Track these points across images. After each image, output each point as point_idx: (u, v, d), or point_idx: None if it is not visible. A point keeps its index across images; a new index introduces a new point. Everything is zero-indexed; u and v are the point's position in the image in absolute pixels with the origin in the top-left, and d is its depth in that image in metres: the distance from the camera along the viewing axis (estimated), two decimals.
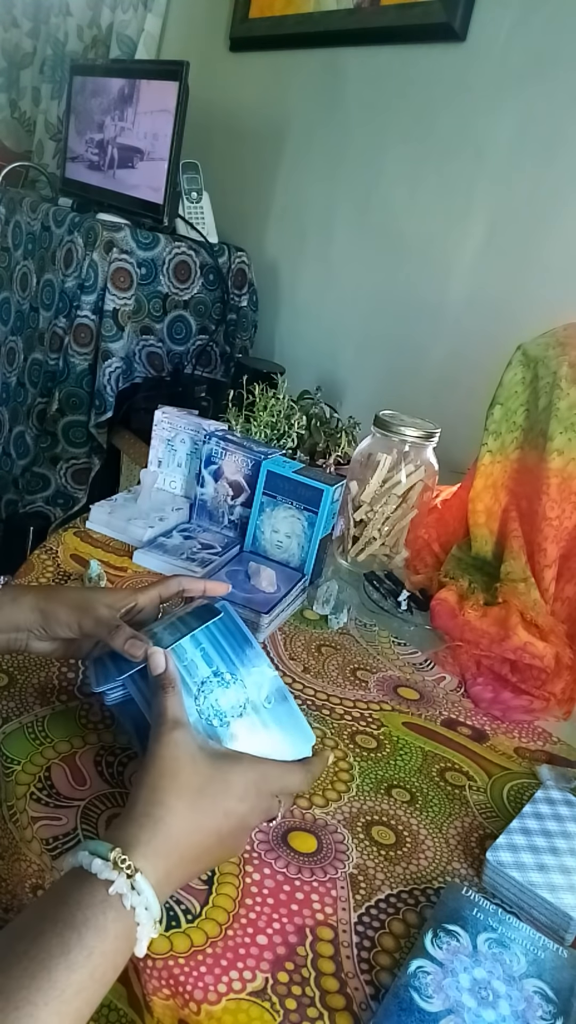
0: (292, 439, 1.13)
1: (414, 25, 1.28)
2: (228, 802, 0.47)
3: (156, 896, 0.41)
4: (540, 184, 1.14)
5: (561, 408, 0.76)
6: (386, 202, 1.40)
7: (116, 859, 0.41)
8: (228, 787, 0.47)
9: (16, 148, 2.37)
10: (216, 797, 0.46)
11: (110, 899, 0.40)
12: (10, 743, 0.59)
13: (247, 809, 0.48)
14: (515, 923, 0.50)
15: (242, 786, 0.48)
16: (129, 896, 0.40)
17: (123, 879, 0.40)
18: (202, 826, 0.45)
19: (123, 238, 1.42)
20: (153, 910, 0.41)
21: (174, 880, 0.45)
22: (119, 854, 0.41)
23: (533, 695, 0.75)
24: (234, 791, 0.47)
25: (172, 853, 0.43)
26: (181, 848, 0.44)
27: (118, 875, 0.40)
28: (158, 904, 0.41)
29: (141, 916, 0.40)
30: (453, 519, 0.88)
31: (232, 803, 0.47)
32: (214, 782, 0.47)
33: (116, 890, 0.40)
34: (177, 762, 0.46)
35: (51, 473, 1.57)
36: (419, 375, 1.34)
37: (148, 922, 0.41)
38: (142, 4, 1.92)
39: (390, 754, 0.67)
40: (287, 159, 1.61)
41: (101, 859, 0.41)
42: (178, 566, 0.87)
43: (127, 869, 0.40)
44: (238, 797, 0.47)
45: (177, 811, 0.44)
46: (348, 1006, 0.45)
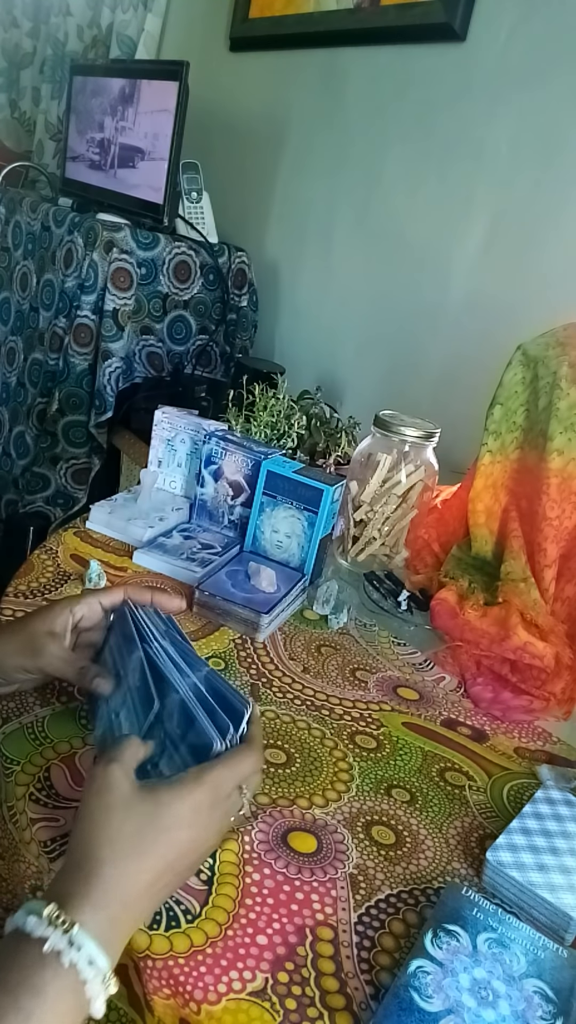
0: (292, 439, 1.13)
1: (414, 25, 1.28)
2: (172, 834, 0.44)
3: (103, 948, 0.39)
4: (540, 184, 1.14)
5: (561, 408, 0.76)
6: (386, 202, 1.40)
7: (51, 915, 0.38)
8: (168, 822, 0.45)
9: (16, 148, 2.37)
10: (157, 835, 0.44)
11: (46, 958, 0.37)
12: (10, 743, 0.59)
13: (200, 830, 0.46)
14: (515, 923, 0.50)
15: (187, 812, 0.45)
16: (68, 952, 0.37)
17: (58, 935, 0.38)
18: (143, 867, 0.43)
19: (123, 238, 1.42)
20: (99, 964, 0.38)
21: (124, 926, 0.42)
22: (53, 909, 0.39)
23: (533, 695, 0.75)
24: (178, 822, 0.45)
25: (112, 902, 0.41)
26: (123, 894, 0.42)
27: (53, 931, 0.38)
28: (105, 957, 0.39)
29: (86, 972, 0.38)
30: (453, 519, 0.88)
31: (176, 834, 0.45)
32: (151, 822, 0.44)
33: (52, 947, 0.37)
34: (107, 811, 0.44)
35: (51, 473, 1.57)
36: (419, 375, 1.34)
37: (96, 978, 0.38)
38: (142, 4, 1.92)
39: (390, 754, 0.67)
40: (287, 159, 1.61)
41: (36, 916, 0.39)
42: (178, 566, 0.87)
43: (62, 925, 0.38)
44: (186, 825, 0.45)
45: (110, 862, 0.42)
46: (348, 1006, 0.45)
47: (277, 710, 0.69)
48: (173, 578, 0.88)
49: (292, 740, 0.66)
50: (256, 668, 0.75)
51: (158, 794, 0.45)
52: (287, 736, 0.66)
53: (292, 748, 0.65)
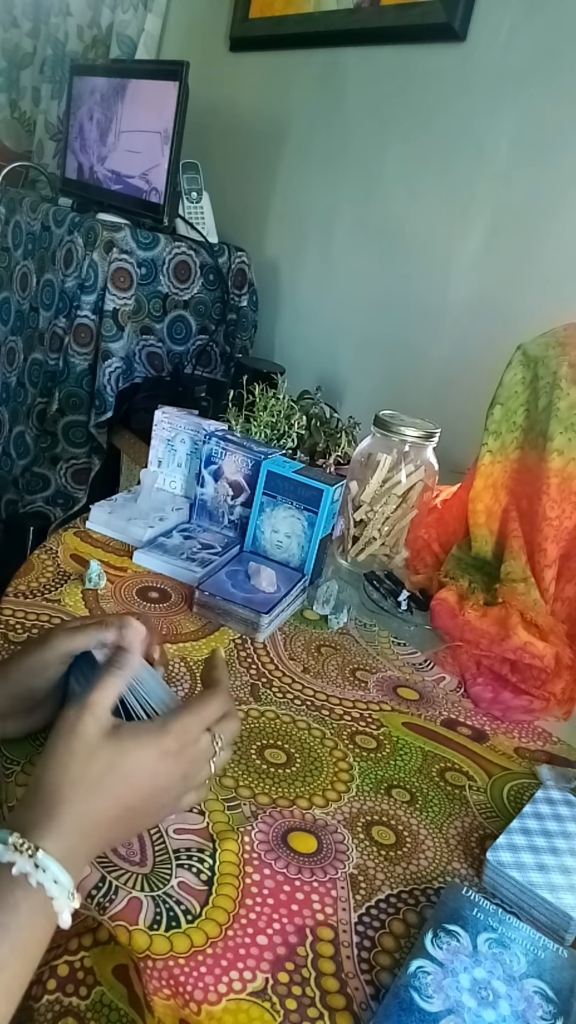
0: (292, 439, 1.13)
1: (414, 25, 1.28)
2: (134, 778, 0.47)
3: (65, 869, 0.42)
4: (540, 184, 1.14)
5: (561, 408, 0.76)
6: (386, 202, 1.40)
7: (15, 843, 0.42)
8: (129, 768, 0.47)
9: (16, 148, 2.37)
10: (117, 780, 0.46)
11: (16, 879, 0.41)
12: (10, 743, 0.59)
13: (163, 776, 0.48)
14: (515, 923, 0.50)
15: (150, 759, 0.48)
16: (34, 874, 0.41)
17: (24, 859, 0.41)
18: (102, 807, 0.46)
19: (123, 238, 1.42)
20: (64, 882, 0.42)
21: (84, 851, 0.45)
22: (17, 838, 0.42)
23: (533, 695, 0.75)
24: (139, 767, 0.47)
25: (71, 833, 0.44)
26: (82, 828, 0.45)
27: (19, 856, 0.42)
28: (68, 876, 0.42)
29: (52, 890, 0.42)
30: (453, 519, 0.88)
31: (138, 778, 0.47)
32: (112, 769, 0.46)
33: (19, 870, 0.41)
34: (72, 755, 0.46)
35: (51, 473, 1.57)
36: (419, 375, 1.34)
37: (62, 895, 0.42)
38: (142, 4, 1.92)
39: (390, 754, 0.67)
40: (287, 159, 1.61)
41: (2, 844, 0.42)
42: (178, 566, 0.87)
43: (27, 851, 0.42)
44: (148, 770, 0.48)
45: (70, 800, 0.45)
46: (348, 1006, 0.45)
47: (277, 710, 0.69)
48: (173, 578, 0.88)
49: (292, 740, 0.66)
50: (256, 668, 0.75)
51: (122, 741, 0.48)
52: (287, 736, 0.66)
53: (292, 748, 0.65)
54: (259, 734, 0.66)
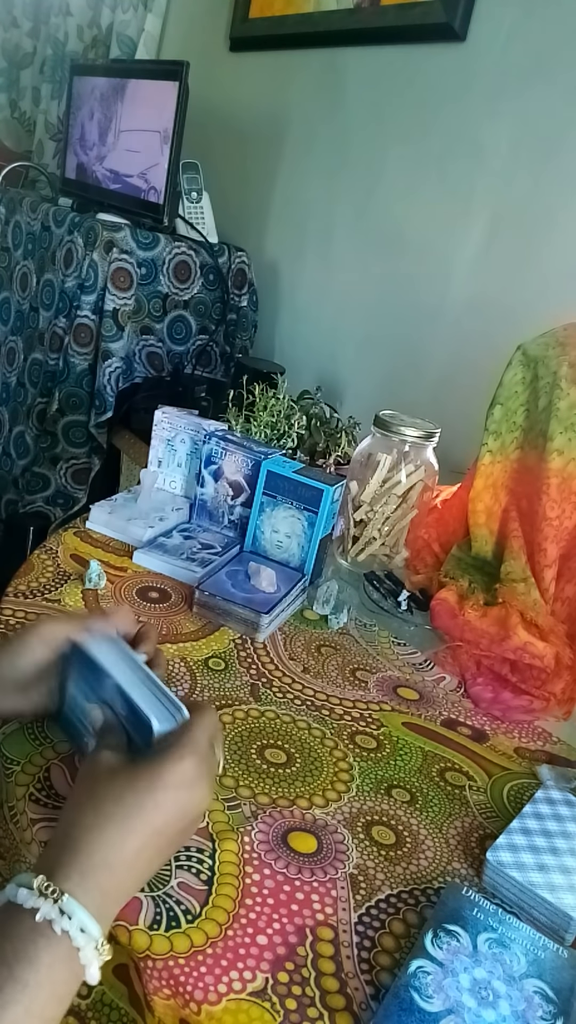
0: (292, 439, 1.13)
1: (414, 25, 1.28)
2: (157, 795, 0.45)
3: (93, 916, 0.40)
4: (540, 184, 1.14)
5: (561, 408, 0.76)
6: (386, 202, 1.40)
7: (40, 886, 0.39)
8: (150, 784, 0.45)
9: (16, 148, 2.37)
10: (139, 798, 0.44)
11: (39, 927, 0.38)
12: (10, 743, 0.59)
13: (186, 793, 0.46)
14: (515, 923, 0.50)
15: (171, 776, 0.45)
16: (59, 921, 0.38)
17: (49, 904, 0.39)
18: (127, 831, 0.43)
19: (123, 238, 1.42)
20: (91, 931, 0.39)
21: (115, 892, 0.43)
22: (43, 880, 0.40)
23: (533, 695, 0.75)
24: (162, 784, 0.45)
25: (99, 868, 0.42)
26: (110, 859, 0.42)
27: (43, 901, 0.39)
28: (96, 924, 0.40)
29: (79, 939, 0.39)
30: (453, 519, 0.88)
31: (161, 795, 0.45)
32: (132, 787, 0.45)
33: (43, 916, 0.38)
34: (94, 781, 0.45)
35: (51, 473, 1.57)
36: (419, 375, 1.34)
37: (88, 944, 0.39)
38: (142, 4, 1.92)
39: (390, 754, 0.67)
40: (287, 159, 1.61)
41: (26, 888, 0.39)
42: (178, 566, 0.87)
43: (52, 894, 0.39)
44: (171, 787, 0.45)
45: (93, 827, 0.43)
46: (348, 1006, 0.45)
47: (277, 710, 0.69)
48: (173, 578, 0.88)
49: (292, 740, 0.66)
50: (256, 668, 0.75)
51: (138, 764, 0.46)
52: (287, 736, 0.66)
53: (292, 748, 0.65)
54: (259, 734, 0.66)
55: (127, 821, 0.44)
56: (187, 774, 0.46)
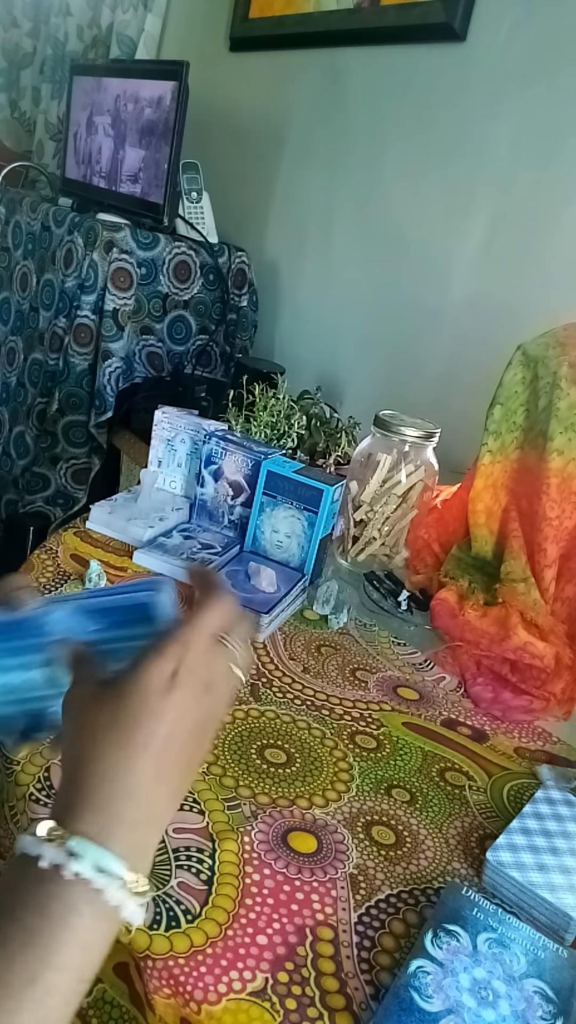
0: (292, 439, 1.13)
1: (414, 25, 1.28)
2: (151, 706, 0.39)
3: (116, 852, 0.36)
4: (540, 184, 1.14)
5: (561, 408, 0.76)
6: (386, 202, 1.40)
7: (48, 831, 0.36)
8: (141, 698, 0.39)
9: (16, 148, 2.37)
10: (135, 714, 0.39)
11: (45, 874, 0.35)
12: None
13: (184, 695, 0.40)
14: (515, 923, 0.50)
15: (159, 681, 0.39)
16: (68, 864, 0.34)
17: (53, 848, 0.35)
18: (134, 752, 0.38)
19: (123, 238, 1.42)
20: (112, 868, 0.35)
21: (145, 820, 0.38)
22: (50, 825, 0.36)
23: (533, 695, 0.75)
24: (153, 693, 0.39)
25: (112, 799, 0.37)
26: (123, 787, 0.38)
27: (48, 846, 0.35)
28: (118, 861, 0.35)
29: (98, 880, 0.35)
30: (453, 519, 0.88)
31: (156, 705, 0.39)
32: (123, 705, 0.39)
33: (49, 862, 0.35)
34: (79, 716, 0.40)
35: (51, 473, 1.57)
36: (419, 375, 1.34)
37: (112, 883, 0.35)
38: (142, 4, 1.92)
39: (390, 754, 0.67)
40: (287, 159, 1.61)
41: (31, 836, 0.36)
42: (178, 566, 0.87)
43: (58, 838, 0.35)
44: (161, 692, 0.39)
45: (94, 758, 0.38)
46: (348, 1006, 0.45)
47: (277, 710, 0.69)
48: (173, 578, 0.87)
49: (292, 740, 0.66)
50: (256, 668, 0.75)
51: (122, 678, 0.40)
52: (287, 736, 0.66)
53: (292, 748, 0.65)
54: (259, 734, 0.66)
55: (130, 743, 0.38)
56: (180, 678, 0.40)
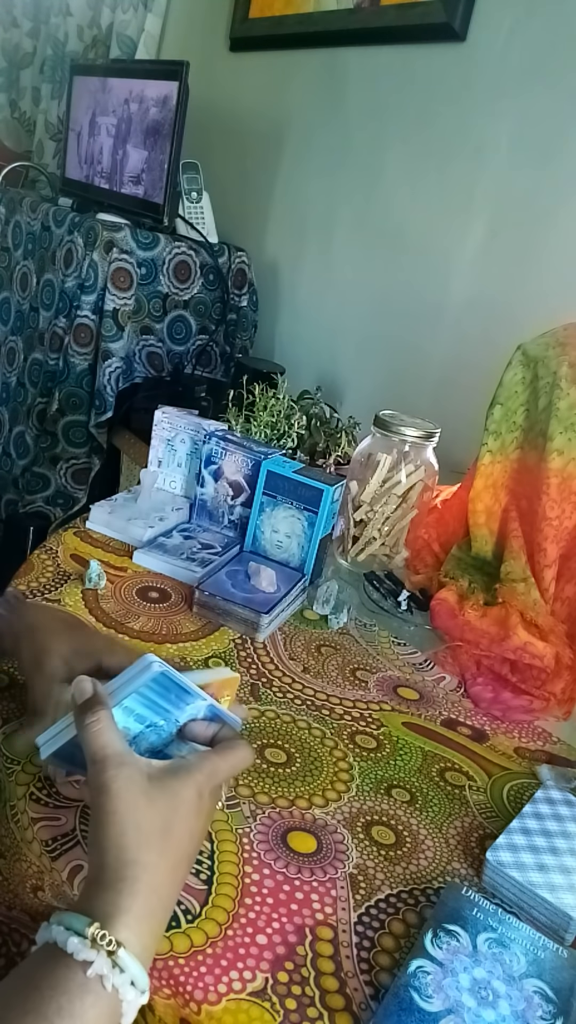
0: (292, 439, 1.13)
1: (414, 25, 1.28)
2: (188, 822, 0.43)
3: (143, 966, 0.37)
4: (540, 184, 1.14)
5: (561, 408, 0.76)
6: (386, 202, 1.40)
7: (95, 935, 0.36)
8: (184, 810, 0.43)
9: (16, 148, 2.37)
10: (177, 824, 0.42)
11: (88, 983, 0.35)
12: (10, 743, 0.59)
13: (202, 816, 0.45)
14: (515, 923, 0.50)
15: (194, 798, 0.44)
16: (111, 976, 0.36)
17: (103, 958, 0.36)
18: (169, 861, 0.41)
19: (123, 238, 1.42)
20: (140, 984, 0.37)
21: (159, 930, 0.41)
22: (97, 929, 0.36)
23: (533, 695, 0.75)
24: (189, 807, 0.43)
25: (156, 911, 0.40)
26: (164, 899, 0.41)
27: (97, 954, 0.36)
28: (145, 976, 0.38)
29: (127, 993, 0.36)
30: (453, 519, 0.88)
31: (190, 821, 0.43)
32: (173, 813, 0.42)
33: (96, 971, 0.35)
34: (136, 810, 0.41)
35: (51, 473, 1.57)
36: (419, 375, 1.34)
37: (135, 997, 0.37)
38: (142, 4, 1.92)
39: (390, 754, 0.67)
40: (287, 159, 1.61)
41: (77, 936, 0.36)
42: (178, 566, 0.87)
43: (108, 946, 0.36)
44: (194, 811, 0.44)
45: (152, 865, 0.40)
46: (348, 1006, 0.45)
47: (277, 710, 0.69)
48: (173, 578, 0.88)
49: (292, 740, 0.66)
50: (256, 668, 0.75)
51: (170, 783, 0.43)
52: (287, 736, 0.66)
53: (292, 748, 0.65)
54: (259, 734, 0.66)
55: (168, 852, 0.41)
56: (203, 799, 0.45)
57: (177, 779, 0.44)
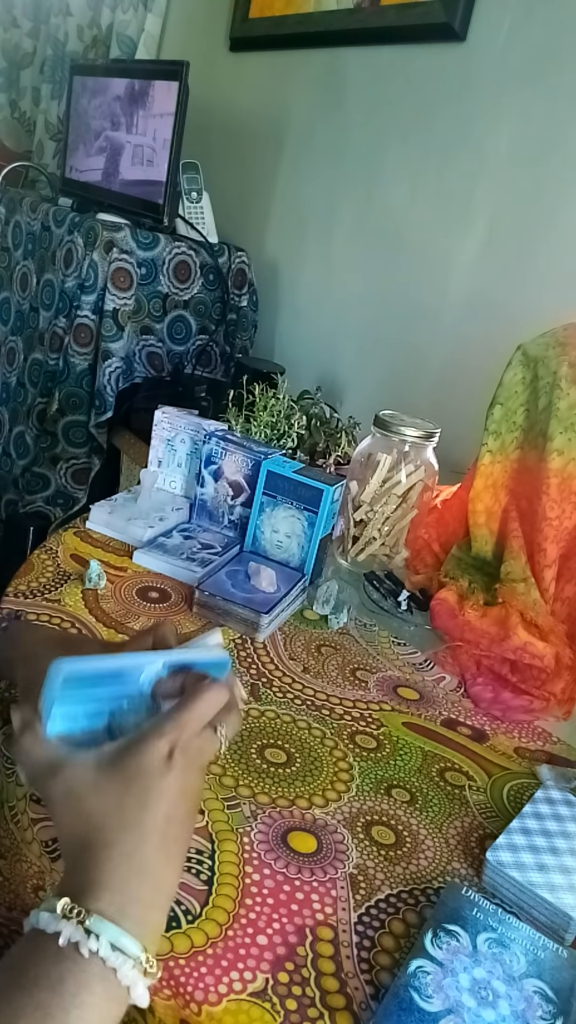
0: (292, 439, 1.13)
1: (414, 25, 1.28)
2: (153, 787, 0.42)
3: (131, 932, 0.37)
4: (540, 184, 1.14)
5: (561, 408, 0.76)
6: (386, 202, 1.40)
7: (64, 908, 0.37)
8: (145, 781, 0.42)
9: (16, 148, 2.37)
10: (141, 797, 0.42)
11: (63, 951, 0.35)
12: (10, 743, 0.59)
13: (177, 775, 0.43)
14: (515, 923, 0.50)
15: (157, 763, 0.43)
16: (85, 942, 0.36)
17: (72, 925, 0.36)
18: (144, 833, 0.41)
19: (123, 238, 1.42)
20: (128, 948, 0.36)
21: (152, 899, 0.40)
22: (67, 903, 0.37)
23: (533, 695, 0.75)
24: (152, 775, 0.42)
25: (129, 879, 0.39)
26: (137, 867, 0.40)
27: (66, 923, 0.36)
28: (134, 941, 0.37)
29: (113, 959, 0.36)
30: (453, 519, 0.88)
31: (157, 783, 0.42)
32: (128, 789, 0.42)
33: (67, 939, 0.36)
34: (82, 805, 0.41)
35: (51, 473, 1.57)
36: (419, 375, 1.34)
37: (126, 963, 0.36)
38: (142, 4, 1.92)
39: (390, 754, 0.67)
40: (287, 159, 1.61)
41: (49, 912, 0.37)
42: (178, 566, 0.87)
43: (76, 916, 0.36)
44: (158, 775, 0.42)
45: (109, 843, 0.40)
46: (348, 1006, 0.45)
47: (277, 710, 0.69)
48: (173, 578, 0.88)
49: (292, 740, 0.66)
50: (256, 668, 0.75)
51: (120, 760, 0.43)
52: (287, 736, 0.66)
53: (292, 748, 0.65)
54: (259, 733, 0.66)
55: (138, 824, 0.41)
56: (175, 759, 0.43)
57: (129, 752, 0.43)
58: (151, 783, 0.42)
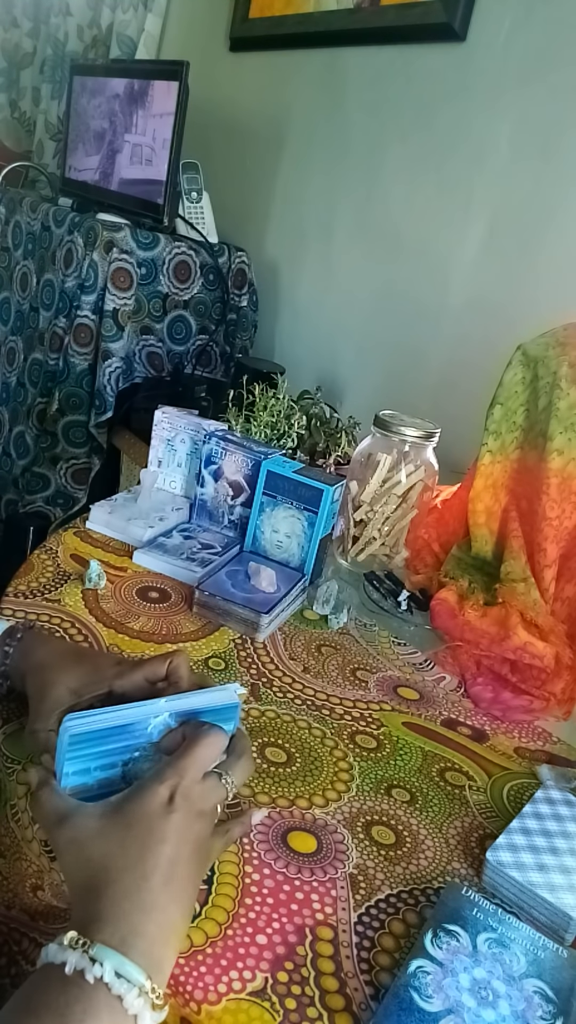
0: (292, 439, 1.13)
1: (414, 25, 1.28)
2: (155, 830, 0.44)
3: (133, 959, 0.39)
4: (540, 184, 1.14)
5: (561, 408, 0.76)
6: (386, 202, 1.40)
7: (71, 940, 0.39)
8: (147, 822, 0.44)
9: (16, 148, 2.37)
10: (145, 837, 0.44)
11: (71, 979, 0.37)
12: (11, 743, 0.59)
13: (181, 818, 0.45)
14: (515, 923, 0.50)
15: (158, 808, 0.45)
16: (91, 969, 0.37)
17: (78, 954, 0.38)
18: (144, 872, 0.43)
19: (123, 238, 1.42)
20: (131, 975, 0.38)
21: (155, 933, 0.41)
22: (74, 935, 0.39)
23: (533, 695, 0.75)
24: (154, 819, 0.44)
25: (129, 913, 0.41)
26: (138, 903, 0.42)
27: (73, 952, 0.38)
28: (137, 969, 0.38)
29: (117, 986, 0.37)
30: (453, 519, 0.88)
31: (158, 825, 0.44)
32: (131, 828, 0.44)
33: (73, 966, 0.37)
34: (87, 850, 0.44)
35: (51, 473, 1.57)
36: (419, 375, 1.34)
37: (131, 991, 0.38)
38: (142, 4, 1.92)
39: (390, 754, 0.67)
40: (287, 159, 1.61)
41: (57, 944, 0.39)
42: (178, 566, 0.87)
43: (82, 945, 0.38)
44: (160, 818, 0.45)
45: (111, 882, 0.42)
46: (348, 1006, 0.45)
47: (277, 710, 0.69)
48: (173, 578, 0.88)
49: (292, 740, 0.66)
50: (256, 668, 0.75)
51: (125, 808, 0.45)
52: (287, 736, 0.66)
53: (292, 748, 0.65)
54: (259, 733, 0.66)
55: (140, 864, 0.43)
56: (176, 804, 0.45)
57: (130, 801, 0.46)
58: (152, 825, 0.44)
